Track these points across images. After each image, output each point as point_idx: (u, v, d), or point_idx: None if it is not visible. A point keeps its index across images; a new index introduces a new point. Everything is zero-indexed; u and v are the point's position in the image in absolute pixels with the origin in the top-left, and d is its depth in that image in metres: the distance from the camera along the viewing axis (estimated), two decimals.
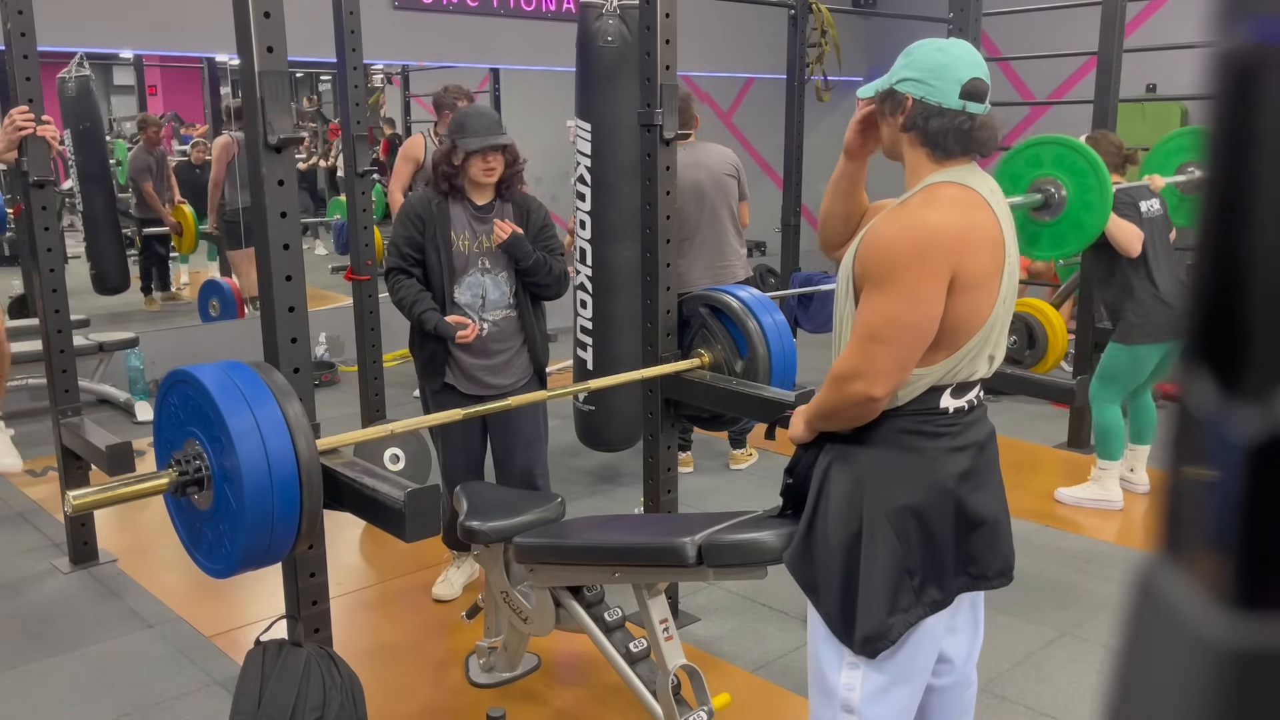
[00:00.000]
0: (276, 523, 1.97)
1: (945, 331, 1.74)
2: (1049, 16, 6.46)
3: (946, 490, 1.79)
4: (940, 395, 1.79)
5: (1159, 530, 0.34)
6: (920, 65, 1.79)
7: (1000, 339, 1.84)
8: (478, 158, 3.07)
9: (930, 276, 1.70)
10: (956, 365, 1.77)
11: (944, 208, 1.74)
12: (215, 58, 7.02)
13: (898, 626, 1.78)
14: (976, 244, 1.73)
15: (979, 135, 1.78)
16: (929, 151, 1.80)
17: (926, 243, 1.70)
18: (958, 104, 1.75)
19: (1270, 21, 0.30)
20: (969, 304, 1.73)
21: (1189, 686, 0.32)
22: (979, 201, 1.77)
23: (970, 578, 1.85)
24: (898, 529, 1.77)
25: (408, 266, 3.13)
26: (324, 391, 5.86)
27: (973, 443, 1.84)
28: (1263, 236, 0.31)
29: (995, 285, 1.76)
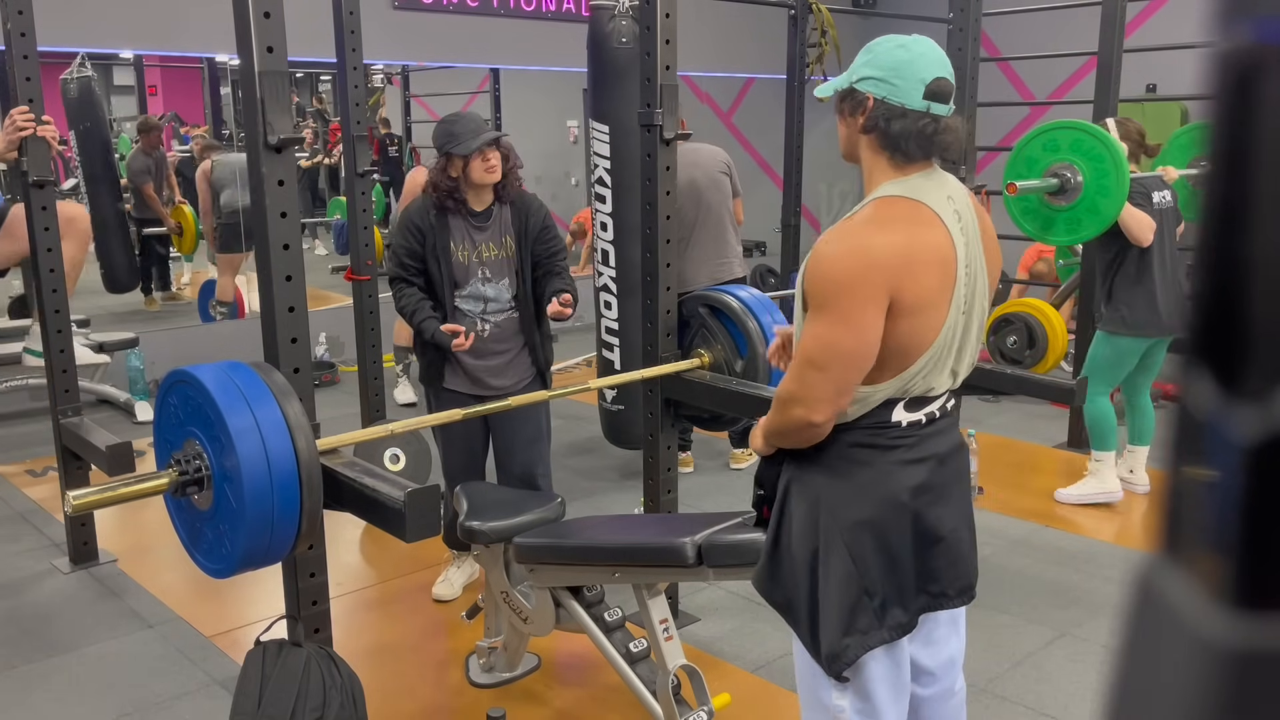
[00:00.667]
0: (276, 523, 1.97)
1: (890, 353, 1.68)
2: (1049, 16, 6.46)
3: (900, 504, 1.73)
4: (893, 409, 1.74)
5: (1159, 530, 0.34)
6: (882, 63, 1.71)
7: (964, 352, 1.78)
8: (477, 159, 3.05)
9: (867, 302, 1.64)
10: (908, 382, 1.72)
11: (888, 227, 1.68)
12: (215, 58, 7.03)
13: (853, 648, 1.73)
14: (921, 264, 1.66)
15: (942, 139, 1.70)
16: (889, 155, 1.72)
17: (865, 267, 1.64)
18: (921, 105, 1.68)
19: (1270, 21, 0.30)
20: (913, 326, 1.67)
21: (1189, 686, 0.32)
22: (929, 218, 1.69)
23: (930, 596, 1.78)
24: (852, 546, 1.72)
25: (408, 276, 3.14)
26: (324, 391, 5.86)
27: (931, 455, 1.77)
28: (1263, 236, 0.31)
29: (944, 304, 1.69)
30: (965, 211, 1.75)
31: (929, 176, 1.74)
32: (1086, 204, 3.72)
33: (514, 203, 3.19)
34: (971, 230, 1.75)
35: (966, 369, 1.81)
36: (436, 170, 3.12)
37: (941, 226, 1.69)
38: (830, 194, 9.41)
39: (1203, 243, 0.33)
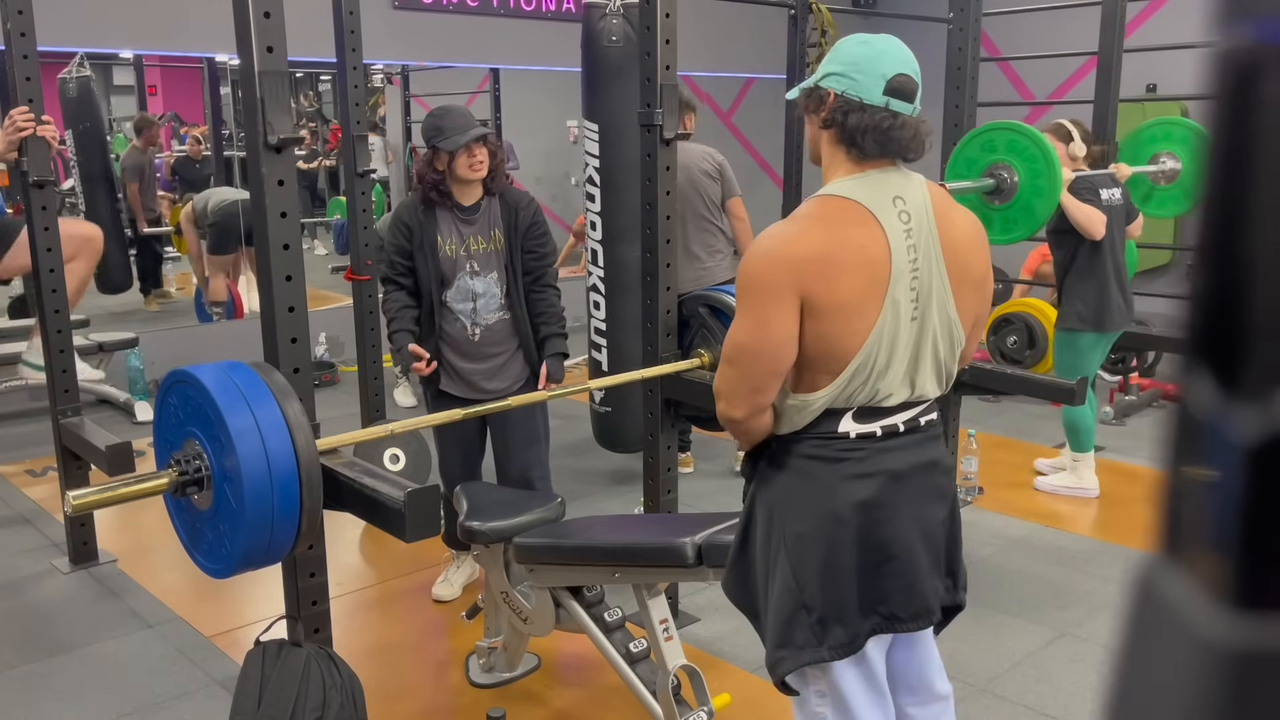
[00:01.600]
0: (276, 523, 1.97)
1: (816, 356, 1.66)
2: (1049, 16, 6.46)
3: (840, 519, 1.68)
4: (839, 419, 1.70)
5: (1159, 530, 0.34)
6: (843, 59, 1.71)
7: (922, 362, 1.72)
8: (463, 154, 3.05)
9: (774, 300, 1.63)
10: (845, 389, 1.67)
11: (811, 225, 1.66)
12: (215, 58, 7.02)
13: (787, 661, 1.71)
14: (840, 264, 1.63)
15: (898, 135, 1.68)
16: (846, 150, 1.71)
17: (774, 264, 1.64)
18: (880, 100, 1.67)
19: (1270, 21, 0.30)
20: (835, 328, 1.64)
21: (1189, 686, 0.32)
22: (863, 216, 1.66)
23: (881, 618, 1.73)
24: (793, 559, 1.70)
25: (397, 276, 3.15)
26: (324, 391, 5.86)
27: (882, 471, 1.70)
28: (1262, 236, 0.31)
29: (871, 307, 1.64)
30: (918, 213, 1.70)
31: (881, 177, 1.70)
32: (1022, 204, 3.77)
33: (503, 196, 3.18)
34: (924, 233, 1.70)
35: (936, 379, 1.75)
36: (423, 163, 3.13)
37: (876, 226, 1.66)
38: None
39: (1203, 242, 0.33)
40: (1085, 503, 4.25)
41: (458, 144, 3.03)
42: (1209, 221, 0.33)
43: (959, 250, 1.75)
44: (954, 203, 1.82)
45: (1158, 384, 5.65)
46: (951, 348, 1.76)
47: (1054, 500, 4.28)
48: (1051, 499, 4.29)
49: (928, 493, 1.77)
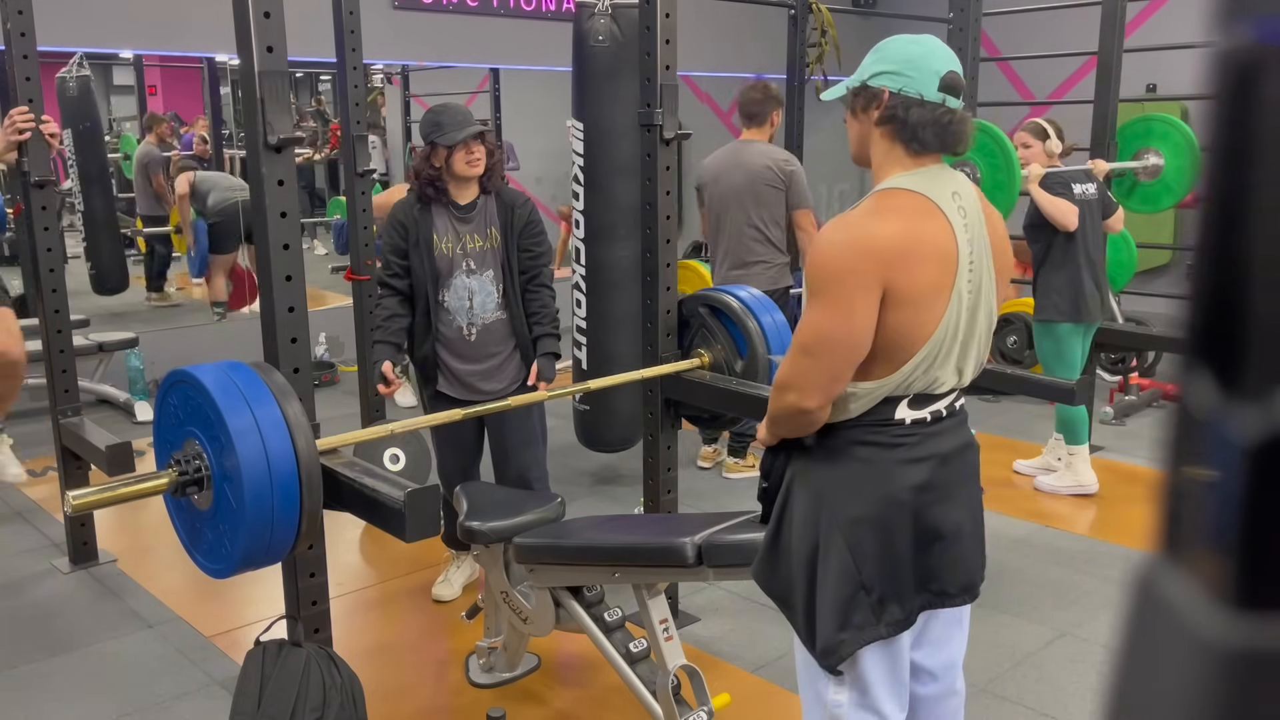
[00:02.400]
0: (276, 523, 1.97)
1: (886, 346, 1.69)
2: (1049, 16, 6.46)
3: (901, 502, 1.74)
4: (895, 407, 1.74)
5: (1159, 530, 0.34)
6: (895, 58, 1.74)
7: (970, 351, 1.77)
8: (461, 150, 3.05)
9: (859, 290, 1.65)
10: (908, 378, 1.72)
11: (887, 217, 1.70)
12: (215, 58, 7.02)
13: (849, 643, 1.74)
14: (918, 256, 1.67)
15: (955, 130, 1.72)
16: (905, 145, 1.74)
17: (858, 255, 1.66)
18: (937, 96, 1.71)
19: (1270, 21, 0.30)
20: (909, 318, 1.68)
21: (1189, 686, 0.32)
22: (930, 209, 1.70)
23: (931, 595, 1.79)
24: (851, 543, 1.73)
25: (391, 278, 3.15)
26: (324, 391, 5.86)
27: (934, 454, 1.77)
28: (1263, 236, 0.31)
29: (942, 298, 1.69)
30: (971, 209, 1.76)
31: (937, 173, 1.75)
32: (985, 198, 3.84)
33: (499, 195, 3.18)
34: (977, 228, 1.76)
35: (974, 368, 1.81)
36: (420, 158, 3.14)
37: (943, 219, 1.70)
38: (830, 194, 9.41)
39: (1202, 242, 0.33)
40: (1085, 503, 4.26)
41: (455, 139, 3.03)
42: (1209, 221, 0.33)
43: (998, 245, 1.83)
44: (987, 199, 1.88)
45: (1158, 384, 5.65)
46: (990, 337, 1.84)
47: (1054, 500, 4.28)
48: (1051, 499, 4.29)
49: (969, 472, 1.85)
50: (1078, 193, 4.11)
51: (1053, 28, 6.82)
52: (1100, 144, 4.65)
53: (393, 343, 3.11)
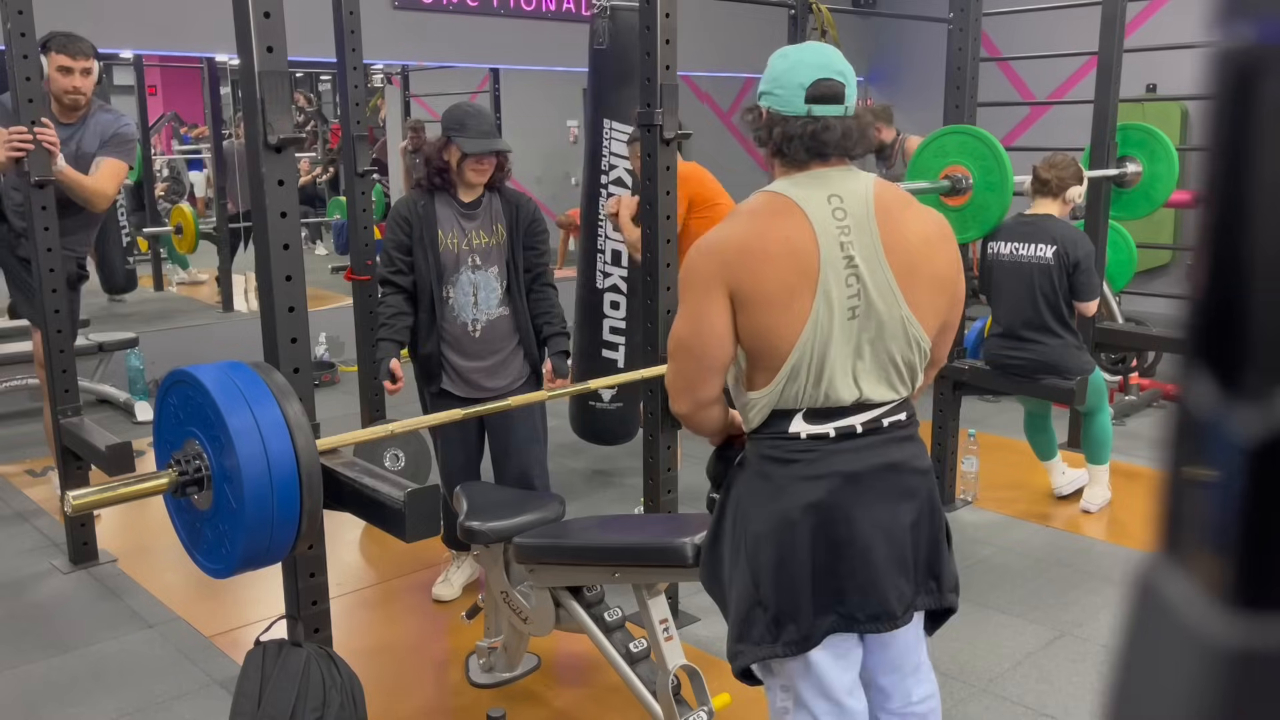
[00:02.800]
0: (276, 523, 1.97)
1: (755, 351, 1.69)
2: (1049, 16, 6.46)
3: (791, 521, 1.70)
4: (790, 420, 1.71)
5: (1159, 530, 0.34)
6: (769, 75, 1.77)
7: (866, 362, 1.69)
8: (472, 159, 3.07)
9: (703, 293, 1.67)
10: (788, 387, 1.68)
11: (735, 219, 1.72)
12: (215, 58, 7.02)
13: (745, 655, 1.76)
14: (762, 254, 1.64)
15: (826, 137, 1.70)
16: (780, 161, 1.76)
17: (700, 258, 1.70)
18: (802, 109, 1.71)
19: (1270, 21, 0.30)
20: (764, 320, 1.64)
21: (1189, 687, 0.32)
22: (788, 208, 1.67)
23: (839, 617, 1.74)
24: (750, 557, 1.73)
25: (394, 275, 3.15)
26: (324, 391, 5.86)
27: (834, 472, 1.70)
28: (1262, 236, 0.31)
29: (801, 300, 1.64)
30: (857, 208, 1.69)
31: (818, 175, 1.73)
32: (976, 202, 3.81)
33: (502, 192, 3.21)
34: (863, 231, 1.68)
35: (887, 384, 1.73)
36: (434, 147, 3.16)
37: (801, 217, 1.67)
38: None
39: (1202, 242, 0.33)
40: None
41: (472, 150, 3.06)
42: (1209, 221, 0.33)
43: (911, 247, 1.72)
44: (910, 201, 1.80)
45: (1158, 384, 5.65)
46: (909, 347, 1.73)
47: (1054, 500, 4.28)
48: (1051, 500, 4.29)
49: (890, 494, 1.74)
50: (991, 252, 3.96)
51: (1053, 28, 6.82)
52: (1100, 144, 4.65)
53: (397, 340, 3.12)
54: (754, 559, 1.73)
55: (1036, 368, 3.84)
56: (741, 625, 1.75)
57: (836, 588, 1.72)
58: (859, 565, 1.71)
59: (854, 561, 1.71)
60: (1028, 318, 3.83)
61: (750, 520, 1.74)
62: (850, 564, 1.71)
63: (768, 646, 1.73)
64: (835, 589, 1.72)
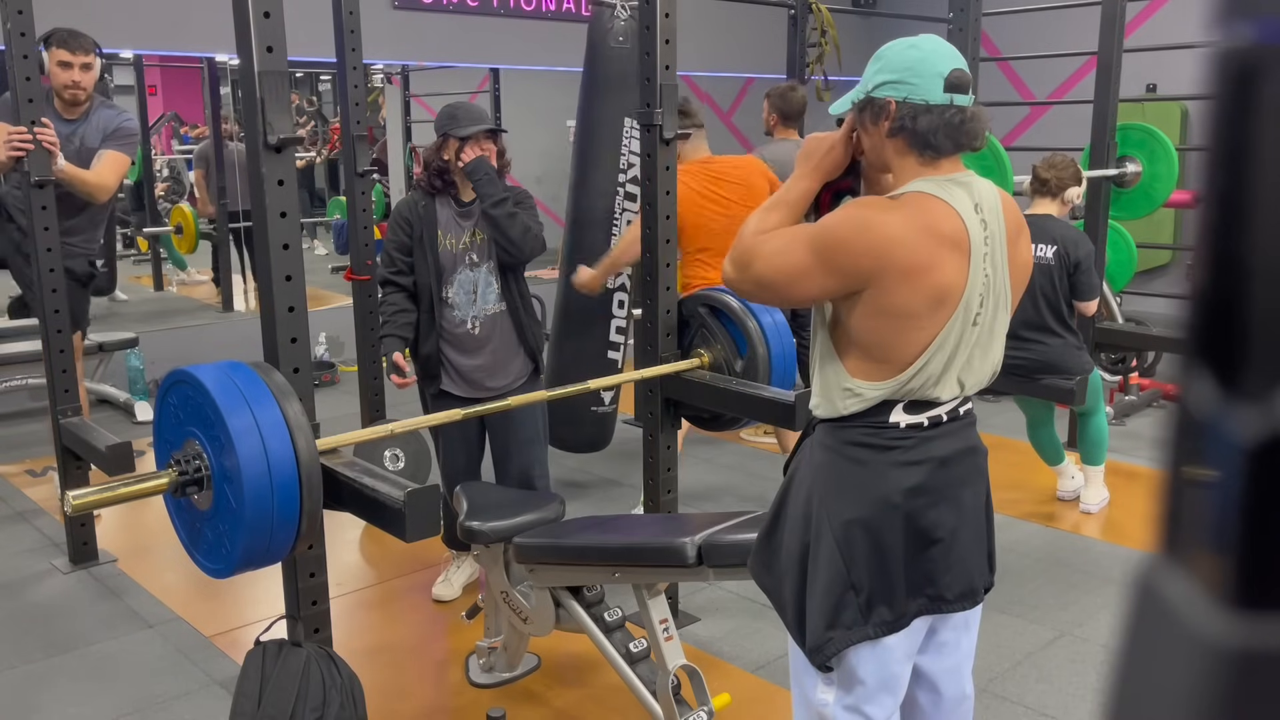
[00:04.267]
0: (276, 523, 1.97)
1: (875, 346, 1.68)
2: (1049, 16, 6.46)
3: (892, 505, 1.72)
4: (891, 410, 1.73)
5: (1159, 530, 0.34)
6: (896, 65, 1.71)
7: (973, 364, 1.75)
8: (470, 144, 3.09)
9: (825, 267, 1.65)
10: (905, 385, 1.70)
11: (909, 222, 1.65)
12: (215, 58, 7.02)
13: (836, 641, 1.74)
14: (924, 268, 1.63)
15: (970, 127, 1.70)
16: (918, 154, 1.71)
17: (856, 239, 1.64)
18: (944, 98, 1.68)
19: (1270, 21, 0.30)
20: (899, 326, 1.66)
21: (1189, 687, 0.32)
22: (950, 219, 1.67)
23: (928, 599, 1.77)
24: (841, 542, 1.72)
25: (395, 275, 3.17)
26: (324, 391, 5.86)
27: (930, 458, 1.74)
28: (1262, 236, 0.31)
29: (944, 311, 1.66)
30: (994, 221, 1.73)
31: (961, 180, 1.72)
32: None
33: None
34: (997, 241, 1.73)
35: (977, 380, 1.78)
36: (431, 149, 3.18)
37: (962, 232, 1.67)
38: None
39: (1202, 242, 0.33)
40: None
41: (464, 133, 3.08)
42: (1209, 221, 0.33)
43: (1019, 271, 1.81)
44: (1023, 223, 1.85)
45: (1158, 384, 5.65)
46: (1000, 349, 1.82)
47: (1054, 501, 4.28)
48: (1051, 500, 4.29)
49: (969, 477, 1.82)
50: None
51: (1053, 28, 6.82)
52: (1100, 144, 4.65)
53: (400, 336, 3.13)
54: (846, 544, 1.72)
55: (1037, 368, 3.84)
56: (832, 612, 1.73)
57: (926, 570, 1.76)
58: (950, 545, 1.77)
59: (945, 542, 1.76)
60: (1028, 318, 3.82)
61: (840, 505, 1.74)
62: (942, 545, 1.76)
63: (860, 629, 1.73)
64: (925, 571, 1.76)
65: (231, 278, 7.30)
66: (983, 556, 1.85)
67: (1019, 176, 4.20)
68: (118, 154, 3.89)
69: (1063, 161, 3.95)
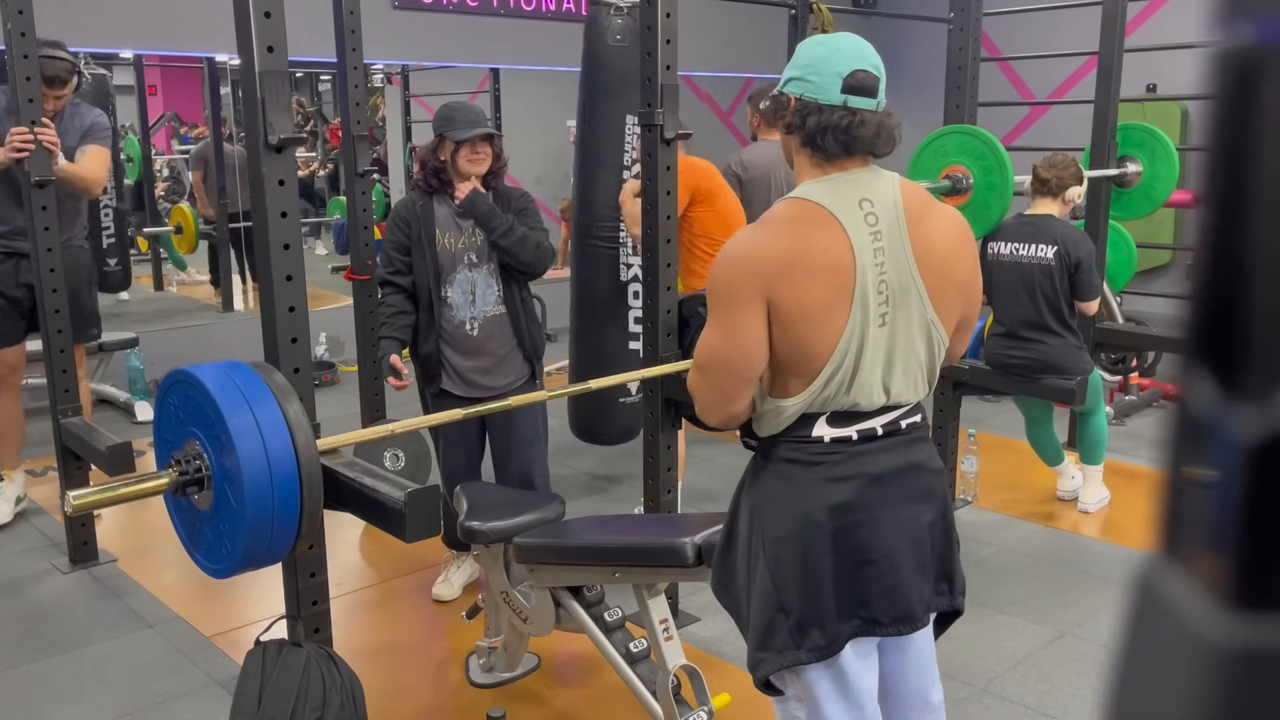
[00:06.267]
0: (276, 523, 1.97)
1: (788, 361, 1.65)
2: (1049, 16, 6.46)
3: (817, 523, 1.67)
4: (814, 424, 1.69)
5: (1159, 530, 0.34)
6: (801, 62, 1.69)
7: (896, 367, 1.69)
8: (466, 147, 3.09)
9: (742, 305, 1.62)
10: (819, 395, 1.66)
11: (775, 229, 1.65)
12: (215, 58, 7.02)
13: (766, 663, 1.71)
14: (805, 269, 1.61)
15: (859, 133, 1.65)
16: (810, 153, 1.69)
17: (738, 272, 1.63)
18: (838, 99, 1.65)
19: (1270, 21, 0.30)
20: (803, 333, 1.62)
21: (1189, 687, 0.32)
22: (825, 220, 1.63)
23: (861, 621, 1.71)
24: (771, 562, 1.69)
25: (394, 276, 3.17)
26: (324, 391, 5.86)
27: (860, 474, 1.69)
28: (1262, 236, 0.31)
29: (839, 312, 1.62)
30: (886, 214, 1.67)
31: (848, 179, 1.69)
32: (978, 201, 3.81)
33: (499, 192, 3.23)
34: (894, 234, 1.67)
35: (911, 387, 1.72)
36: (427, 149, 3.19)
37: (839, 230, 1.63)
38: None
39: (1202, 242, 0.33)
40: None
41: (461, 137, 3.08)
42: (1209, 221, 0.33)
43: (936, 250, 1.72)
44: (933, 202, 1.78)
45: (1158, 384, 5.65)
46: (932, 350, 1.74)
47: (1054, 500, 4.28)
48: (1051, 499, 4.29)
49: (910, 495, 1.74)
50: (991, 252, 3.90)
51: (1053, 28, 6.82)
52: (1100, 144, 4.65)
53: (398, 338, 3.13)
54: (775, 564, 1.69)
55: (1037, 367, 3.84)
56: (763, 634, 1.71)
57: (860, 591, 1.70)
58: (885, 567, 1.70)
59: (879, 563, 1.69)
60: (1028, 318, 3.82)
61: (771, 524, 1.71)
62: (876, 566, 1.69)
63: (791, 654, 1.69)
64: (859, 592, 1.70)
65: (231, 278, 7.30)
66: (927, 580, 1.77)
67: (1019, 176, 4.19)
68: (99, 148, 3.99)
69: (1064, 161, 3.95)
